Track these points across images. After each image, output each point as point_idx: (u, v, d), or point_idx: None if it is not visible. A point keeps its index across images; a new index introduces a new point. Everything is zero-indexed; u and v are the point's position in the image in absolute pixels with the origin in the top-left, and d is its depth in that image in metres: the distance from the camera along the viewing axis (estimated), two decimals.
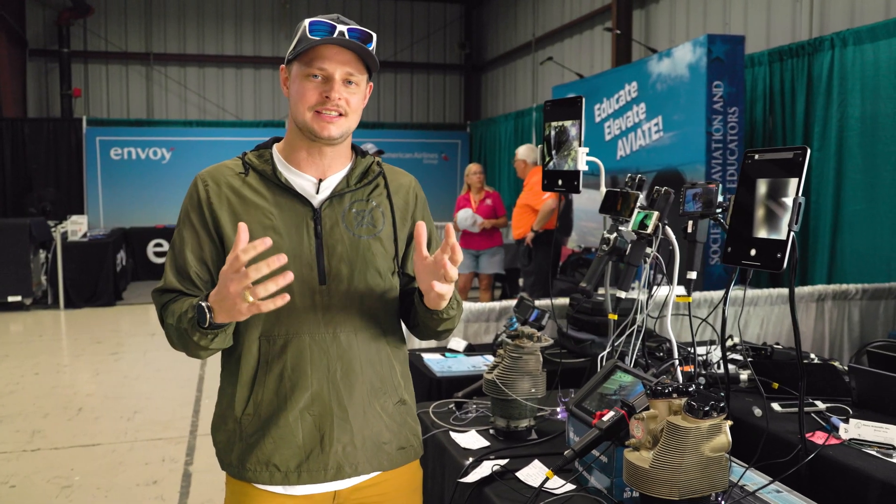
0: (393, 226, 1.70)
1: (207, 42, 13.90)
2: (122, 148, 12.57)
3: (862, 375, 2.23)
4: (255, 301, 1.38)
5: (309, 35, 1.55)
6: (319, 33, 1.56)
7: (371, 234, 1.66)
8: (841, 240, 5.56)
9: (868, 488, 1.78)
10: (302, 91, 1.58)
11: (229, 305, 1.42)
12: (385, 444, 1.69)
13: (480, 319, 3.90)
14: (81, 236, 9.86)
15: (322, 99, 1.57)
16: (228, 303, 1.41)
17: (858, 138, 5.40)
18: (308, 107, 1.58)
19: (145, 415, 5.25)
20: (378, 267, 1.66)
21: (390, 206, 1.71)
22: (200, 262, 1.63)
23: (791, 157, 1.68)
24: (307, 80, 1.58)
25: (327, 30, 1.57)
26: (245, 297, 1.38)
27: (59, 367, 6.74)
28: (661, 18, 8.71)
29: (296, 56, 1.58)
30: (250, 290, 1.38)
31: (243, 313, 1.42)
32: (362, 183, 1.69)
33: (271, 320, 1.59)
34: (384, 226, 1.69)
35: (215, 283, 1.61)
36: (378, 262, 1.66)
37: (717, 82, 5.83)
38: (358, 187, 1.68)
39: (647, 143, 6.81)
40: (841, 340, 4.54)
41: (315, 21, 1.57)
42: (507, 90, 13.52)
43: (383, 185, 1.72)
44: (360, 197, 1.68)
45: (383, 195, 1.71)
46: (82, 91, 13.44)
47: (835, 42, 5.63)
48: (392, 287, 1.71)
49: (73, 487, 4.03)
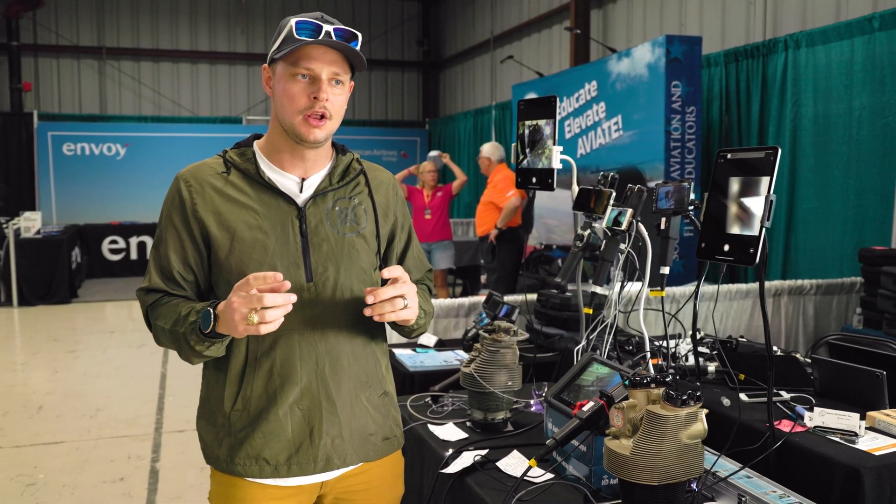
0: (375, 223, 1.73)
1: (162, 36, 13.69)
2: (75, 143, 12.32)
3: (824, 366, 2.33)
4: (257, 324, 1.42)
5: (296, 35, 1.56)
6: (306, 33, 1.56)
7: (355, 232, 1.69)
8: (795, 236, 5.75)
9: (833, 472, 1.88)
10: (290, 93, 1.58)
11: (229, 318, 1.45)
12: (371, 435, 1.73)
13: (450, 315, 3.95)
14: (35, 233, 9.65)
15: (310, 102, 1.57)
16: (229, 315, 1.45)
17: (811, 138, 5.59)
18: (297, 111, 1.58)
19: (108, 412, 5.19)
20: (362, 264, 1.69)
21: (372, 203, 1.73)
22: (184, 263, 1.64)
23: (763, 157, 1.76)
24: (293, 80, 1.58)
25: (313, 29, 1.57)
26: (250, 318, 1.42)
27: (15, 365, 6.60)
28: (618, 18, 8.86)
29: (281, 56, 1.58)
30: (258, 313, 1.42)
31: (240, 333, 1.46)
32: (344, 181, 1.71)
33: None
34: (367, 223, 1.71)
35: (199, 283, 1.66)
36: (362, 258, 1.69)
37: (675, 82, 5.97)
38: (340, 185, 1.70)
39: (606, 141, 6.93)
40: (796, 334, 4.70)
41: (301, 21, 1.57)
42: (465, 88, 13.59)
43: (364, 183, 1.74)
44: (342, 195, 1.70)
45: (364, 192, 1.74)
46: (32, 85, 13.13)
47: (788, 44, 5.81)
48: (375, 283, 1.73)
49: (37, 485, 3.97)
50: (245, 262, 1.60)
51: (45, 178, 12.25)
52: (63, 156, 12.27)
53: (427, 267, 1.92)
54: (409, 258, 1.85)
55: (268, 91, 1.67)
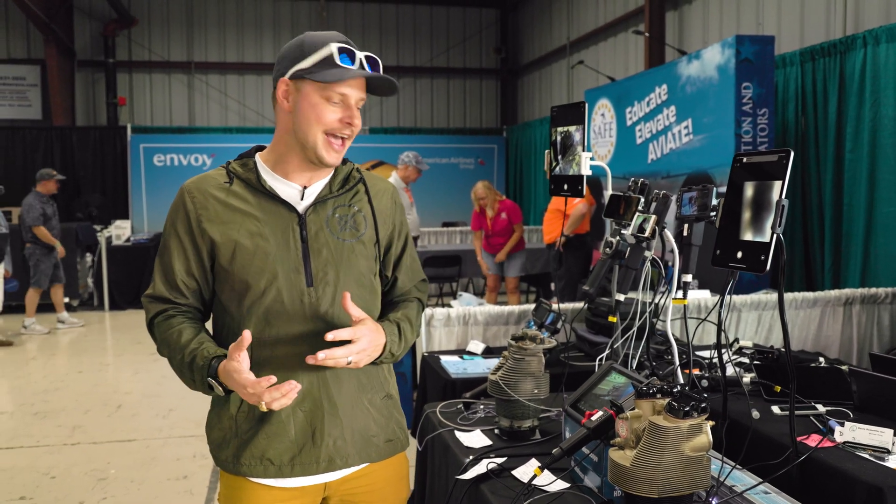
0: (375, 229, 1.76)
1: (247, 50, 14.17)
2: (164, 154, 12.89)
3: (863, 379, 2.22)
4: None
5: (339, 62, 1.60)
6: (348, 61, 1.61)
7: (354, 238, 1.72)
8: (874, 243, 5.47)
9: (855, 491, 1.79)
10: (319, 113, 1.62)
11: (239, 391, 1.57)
12: (373, 437, 1.76)
13: (500, 322, 3.95)
14: (125, 240, 10.14)
15: (343, 124, 1.63)
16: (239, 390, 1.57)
17: (891, 139, 5.31)
18: (324, 129, 1.63)
19: (180, 412, 5.41)
20: (361, 268, 1.73)
21: (371, 210, 1.77)
22: (187, 272, 1.70)
23: (776, 160, 1.70)
24: (326, 102, 1.62)
25: (352, 57, 1.62)
26: (260, 406, 1.54)
27: (101, 365, 6.96)
28: (693, 20, 8.65)
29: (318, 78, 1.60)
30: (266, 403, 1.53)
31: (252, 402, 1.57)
32: (344, 189, 1.75)
33: (262, 324, 1.66)
34: (366, 229, 1.75)
35: (202, 291, 1.73)
36: (361, 263, 1.73)
37: (745, 83, 5.78)
38: (340, 193, 1.74)
39: (677, 146, 6.78)
40: (870, 345, 4.47)
41: (343, 48, 1.62)
42: (542, 94, 13.52)
43: (363, 191, 1.78)
44: (342, 202, 1.74)
45: (364, 200, 1.77)
46: (127, 99, 13.82)
47: (867, 40, 5.54)
48: (375, 287, 1.78)
49: (108, 480, 4.18)
50: (247, 269, 1.65)
51: (137, 188, 12.87)
52: (154, 167, 12.85)
53: (420, 277, 1.94)
54: (402, 266, 1.87)
55: (283, 104, 1.67)
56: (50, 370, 6.77)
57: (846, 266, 5.74)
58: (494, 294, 7.81)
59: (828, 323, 4.41)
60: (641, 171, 7.29)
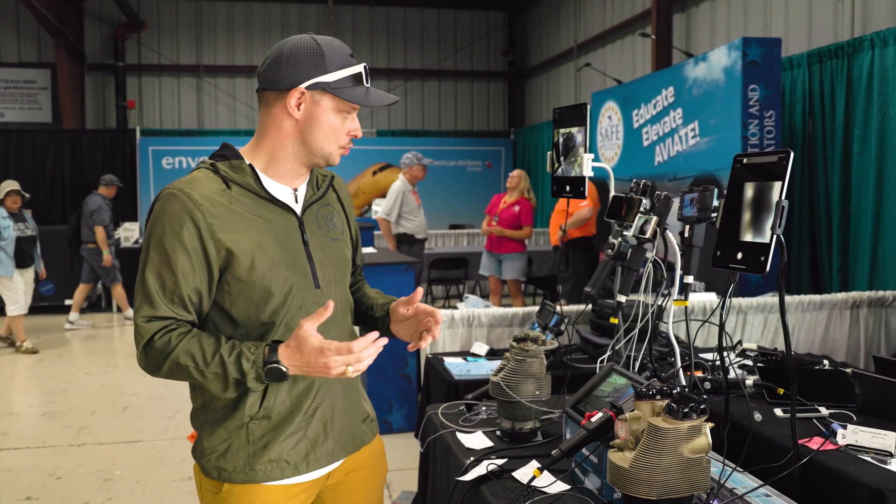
0: (347, 223, 1.84)
1: (256, 53, 14.20)
2: (173, 157, 12.92)
3: (866, 382, 2.21)
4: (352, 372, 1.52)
5: (365, 83, 1.65)
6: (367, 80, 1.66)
7: (339, 237, 1.78)
8: (882, 245, 5.44)
9: (856, 494, 1.78)
10: (334, 125, 1.64)
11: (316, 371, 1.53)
12: (366, 418, 1.84)
13: (504, 324, 3.94)
14: (133, 242, 10.18)
15: (348, 138, 1.68)
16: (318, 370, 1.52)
17: None
18: (340, 145, 1.67)
19: (185, 414, 5.41)
20: (347, 265, 1.81)
21: (342, 206, 1.84)
22: (194, 287, 1.57)
23: (776, 161, 1.70)
24: (339, 115, 1.64)
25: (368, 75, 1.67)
26: (347, 371, 1.51)
27: (108, 367, 6.99)
28: (700, 22, 8.63)
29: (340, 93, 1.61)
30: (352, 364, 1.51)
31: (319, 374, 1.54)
32: (321, 188, 1.78)
33: (280, 330, 1.64)
34: (343, 226, 1.81)
35: (202, 306, 1.61)
36: (347, 261, 1.81)
37: (752, 86, 5.77)
38: (322, 193, 1.77)
39: (683, 148, 6.76)
40: (877, 347, 4.45)
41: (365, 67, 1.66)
42: (550, 97, 13.51)
43: (332, 188, 1.83)
44: (324, 202, 1.78)
45: (334, 196, 1.82)
46: (136, 102, 13.88)
47: (875, 42, 5.52)
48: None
49: (113, 481, 4.20)
50: (268, 277, 1.60)
51: (145, 190, 12.91)
52: (162, 169, 12.90)
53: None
54: (359, 250, 1.96)
55: (293, 111, 1.61)
56: (57, 371, 6.80)
57: (854, 269, 5.71)
58: (497, 296, 7.78)
59: (835, 326, 4.39)
60: (648, 174, 7.27)
